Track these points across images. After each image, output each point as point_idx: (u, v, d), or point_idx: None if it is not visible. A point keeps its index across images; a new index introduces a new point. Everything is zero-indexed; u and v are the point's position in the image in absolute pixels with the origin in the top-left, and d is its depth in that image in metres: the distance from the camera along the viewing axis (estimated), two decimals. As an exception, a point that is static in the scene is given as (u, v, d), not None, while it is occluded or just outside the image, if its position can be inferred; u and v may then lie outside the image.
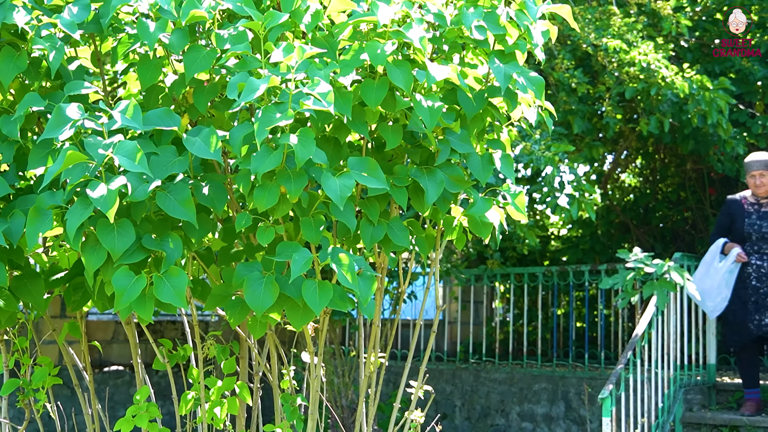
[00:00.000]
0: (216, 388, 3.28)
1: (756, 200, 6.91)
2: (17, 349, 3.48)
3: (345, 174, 2.57)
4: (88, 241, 2.51)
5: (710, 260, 6.99)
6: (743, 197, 7.01)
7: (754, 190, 6.87)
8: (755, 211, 6.91)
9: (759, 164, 6.83)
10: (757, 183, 6.82)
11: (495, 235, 3.07)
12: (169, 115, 2.63)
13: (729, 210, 7.06)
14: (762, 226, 6.86)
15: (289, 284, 2.57)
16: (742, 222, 6.90)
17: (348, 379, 8.08)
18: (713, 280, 6.91)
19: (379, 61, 2.57)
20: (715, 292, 6.92)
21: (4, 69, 2.67)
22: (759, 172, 6.83)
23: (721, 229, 7.10)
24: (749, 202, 6.94)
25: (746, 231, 6.87)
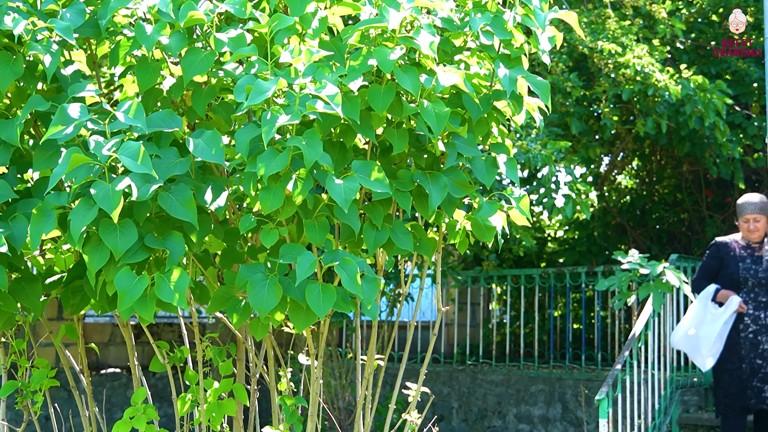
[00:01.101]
0: (213, 389, 3.28)
1: (747, 243, 6.32)
2: (15, 351, 3.47)
3: (350, 177, 2.57)
4: (90, 241, 2.51)
5: (703, 307, 6.27)
6: (733, 240, 6.38)
7: (746, 235, 6.26)
8: (749, 255, 6.29)
9: (753, 207, 6.22)
10: (751, 228, 6.21)
11: (497, 238, 3.08)
12: (171, 116, 2.63)
13: (719, 253, 6.36)
14: (758, 270, 6.22)
15: (293, 286, 2.57)
16: (735, 266, 6.24)
17: (345, 381, 8.08)
18: (710, 329, 6.17)
19: (387, 66, 2.57)
20: (711, 343, 6.18)
21: (1, 74, 2.67)
22: (753, 216, 6.21)
23: (708, 273, 6.38)
24: (741, 246, 6.32)
25: (742, 276, 6.21)
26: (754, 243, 6.28)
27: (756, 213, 6.20)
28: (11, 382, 3.43)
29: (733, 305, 6.08)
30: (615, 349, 9.68)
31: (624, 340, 9.70)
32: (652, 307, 6.81)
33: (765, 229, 6.23)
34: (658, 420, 7.23)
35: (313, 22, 2.66)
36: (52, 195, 2.52)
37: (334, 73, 2.53)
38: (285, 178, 2.55)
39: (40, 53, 2.62)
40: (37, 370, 3.44)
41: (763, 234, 6.24)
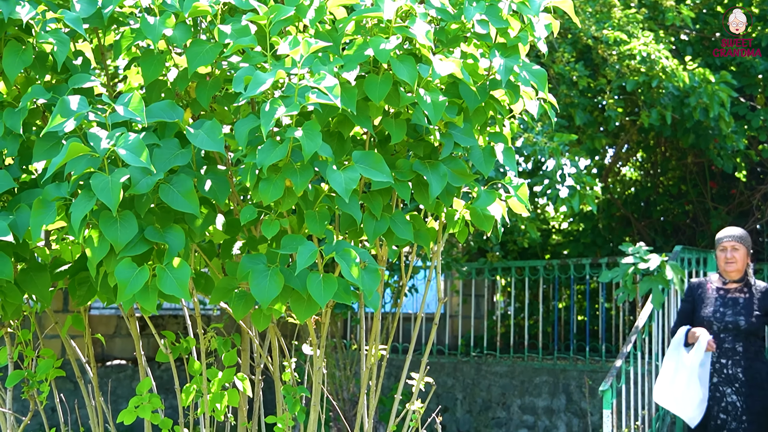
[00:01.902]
0: (217, 380, 3.30)
1: (723, 283, 5.71)
2: (21, 342, 3.49)
3: (350, 167, 2.58)
4: (91, 233, 2.53)
5: (676, 353, 5.64)
6: (708, 280, 5.81)
7: (722, 268, 5.68)
8: (720, 297, 5.69)
9: (732, 236, 5.66)
10: (728, 257, 5.63)
11: (497, 228, 3.09)
12: (172, 107, 2.64)
13: (691, 295, 5.83)
14: (725, 314, 5.60)
15: (295, 276, 2.59)
16: (704, 309, 5.68)
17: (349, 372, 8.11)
18: (684, 378, 5.49)
19: (383, 56, 2.58)
20: (692, 393, 5.49)
21: (10, 63, 2.68)
22: (731, 244, 5.64)
23: (684, 319, 5.81)
24: (714, 287, 5.74)
25: (707, 320, 5.62)
26: (729, 283, 5.68)
27: (735, 241, 5.65)
28: (17, 372, 3.45)
29: (701, 344, 5.44)
30: (619, 340, 9.69)
31: (628, 332, 9.71)
32: (652, 304, 6.80)
33: (744, 263, 5.66)
34: (662, 411, 7.24)
35: (309, 12, 2.67)
36: (52, 186, 2.54)
37: (331, 64, 2.54)
38: (285, 170, 2.57)
39: (50, 43, 2.64)
40: (43, 360, 3.46)
41: (741, 269, 5.66)
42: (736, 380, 5.52)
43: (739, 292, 5.65)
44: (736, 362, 5.54)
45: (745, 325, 5.51)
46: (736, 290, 5.65)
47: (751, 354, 5.55)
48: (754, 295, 5.63)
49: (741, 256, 5.63)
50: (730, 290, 5.67)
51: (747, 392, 5.49)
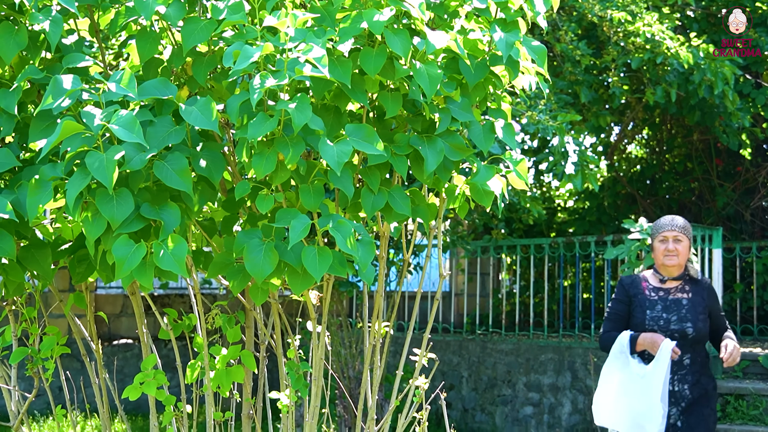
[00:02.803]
0: (221, 356, 3.31)
1: (662, 280, 4.87)
2: (25, 319, 3.51)
3: (342, 141, 2.58)
4: (87, 211, 2.54)
5: (622, 366, 4.69)
6: (644, 278, 4.94)
7: (661, 262, 4.83)
8: (660, 299, 4.82)
9: (673, 224, 4.84)
10: (670, 248, 4.79)
11: (497, 203, 3.09)
12: (165, 84, 2.64)
13: (626, 294, 4.91)
14: (670, 320, 4.75)
15: (289, 251, 2.59)
16: (642, 315, 4.78)
17: (355, 351, 8.13)
18: (645, 396, 4.56)
19: (377, 28, 2.58)
20: (652, 409, 4.55)
21: (4, 45, 2.68)
22: (673, 234, 4.81)
23: (617, 323, 4.87)
24: (651, 287, 4.87)
25: (648, 327, 4.73)
26: (669, 281, 4.85)
27: (678, 231, 4.83)
28: (22, 348, 3.47)
29: (664, 353, 4.53)
30: (624, 318, 9.69)
31: (633, 309, 9.70)
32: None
33: (686, 258, 4.86)
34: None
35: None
36: (48, 166, 2.54)
37: (324, 36, 2.53)
38: (277, 143, 2.57)
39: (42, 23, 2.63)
40: (47, 337, 3.48)
41: (683, 264, 4.85)
42: (682, 399, 4.70)
43: (681, 291, 4.84)
44: (682, 377, 4.71)
45: (693, 333, 4.70)
46: (677, 290, 4.84)
47: (698, 367, 4.75)
48: (698, 294, 4.83)
49: (683, 248, 4.83)
50: (671, 290, 4.84)
51: (690, 411, 4.69)
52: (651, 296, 4.83)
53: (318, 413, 3.24)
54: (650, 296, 4.83)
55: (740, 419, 7.54)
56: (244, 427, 3.49)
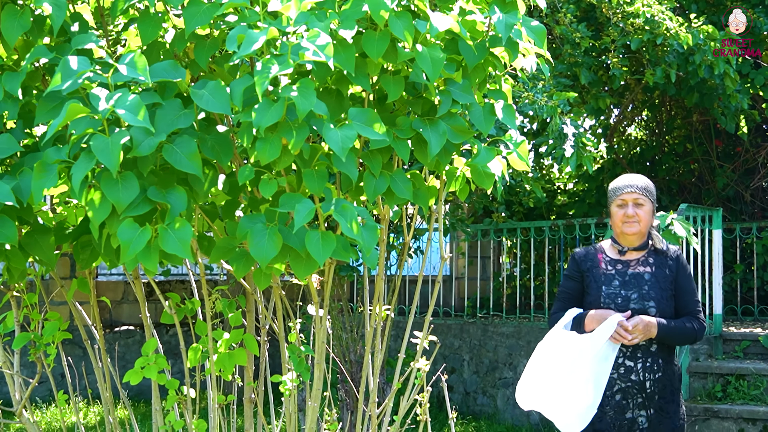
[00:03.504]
0: (224, 340, 3.32)
1: (621, 252, 4.20)
2: (27, 305, 3.52)
3: (346, 125, 2.58)
4: (93, 194, 2.53)
5: (556, 339, 4.10)
6: (600, 250, 4.28)
7: (620, 230, 4.16)
8: (618, 273, 4.16)
9: (634, 187, 4.13)
10: (629, 213, 4.10)
11: (497, 185, 3.09)
12: (174, 67, 2.63)
13: (578, 269, 4.26)
14: (629, 298, 4.09)
15: (293, 235, 2.59)
16: (597, 291, 4.13)
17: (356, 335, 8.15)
18: (567, 366, 3.99)
19: (379, 11, 2.57)
20: (579, 393, 3.96)
21: (8, 27, 2.68)
22: (633, 197, 4.12)
23: (567, 302, 4.26)
24: (609, 259, 4.21)
25: (604, 305, 4.09)
26: (629, 252, 4.19)
27: (638, 193, 4.13)
28: (24, 333, 3.48)
29: (605, 328, 3.94)
30: (625, 299, 9.70)
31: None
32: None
33: (648, 224, 4.18)
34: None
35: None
36: (53, 149, 2.53)
37: (327, 20, 2.53)
38: (281, 128, 2.56)
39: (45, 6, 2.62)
40: (49, 322, 3.49)
41: (644, 232, 4.17)
42: (642, 390, 4.03)
43: (643, 264, 4.15)
44: (646, 367, 4.05)
45: (656, 313, 4.04)
46: (639, 262, 4.16)
47: (664, 354, 4.09)
48: (664, 267, 4.14)
49: (645, 213, 4.13)
50: (631, 263, 4.16)
51: (656, 407, 4.05)
52: (607, 270, 4.17)
53: (320, 397, 3.25)
54: (606, 270, 4.17)
55: (741, 399, 7.56)
56: (246, 410, 3.50)
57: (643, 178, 4.20)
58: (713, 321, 8.27)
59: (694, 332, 4.11)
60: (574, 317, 4.12)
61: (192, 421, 3.38)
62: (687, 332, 4.09)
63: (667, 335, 4.03)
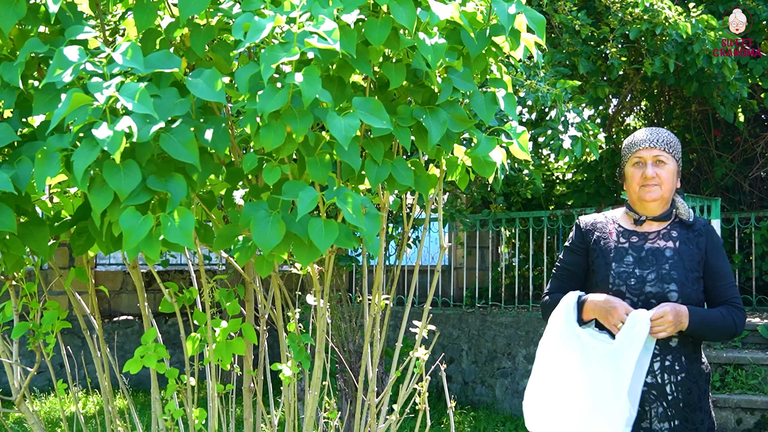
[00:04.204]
0: (222, 329, 3.32)
1: (637, 221, 3.43)
2: (26, 294, 3.51)
3: (350, 114, 2.58)
4: (94, 183, 2.53)
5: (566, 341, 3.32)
6: (610, 220, 3.49)
7: (636, 195, 3.40)
8: (632, 248, 3.39)
9: (654, 142, 3.37)
10: (648, 174, 3.34)
11: (498, 175, 3.09)
12: (169, 57, 2.62)
13: (582, 240, 3.50)
14: (645, 280, 3.32)
15: (296, 222, 2.59)
16: (605, 270, 3.37)
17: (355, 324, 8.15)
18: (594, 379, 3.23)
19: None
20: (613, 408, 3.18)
21: (3, 15, 2.66)
22: (653, 153, 3.35)
23: (566, 279, 3.52)
24: (622, 230, 3.44)
25: (613, 286, 3.33)
26: (647, 222, 3.42)
27: (659, 148, 3.35)
28: (23, 323, 3.48)
29: (641, 325, 3.17)
30: (623, 289, 9.71)
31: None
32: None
33: (672, 187, 3.40)
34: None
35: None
36: (55, 137, 2.53)
37: (330, 7, 2.52)
38: (285, 116, 2.56)
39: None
40: (48, 312, 3.48)
41: (668, 197, 3.40)
42: (662, 396, 3.30)
43: (665, 238, 3.38)
44: (666, 366, 3.30)
45: (678, 298, 3.27)
46: (660, 235, 3.39)
47: (688, 350, 3.35)
48: (691, 243, 3.37)
49: (669, 174, 3.36)
50: (649, 235, 3.40)
51: (681, 417, 3.30)
52: (619, 243, 3.39)
53: (319, 386, 3.25)
54: (618, 243, 3.39)
55: (739, 389, 7.58)
56: (245, 399, 3.50)
57: (665, 131, 3.41)
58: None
59: (734, 325, 3.33)
60: (576, 300, 3.36)
61: (191, 410, 3.38)
62: (725, 325, 3.31)
63: (701, 328, 3.27)
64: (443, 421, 8.60)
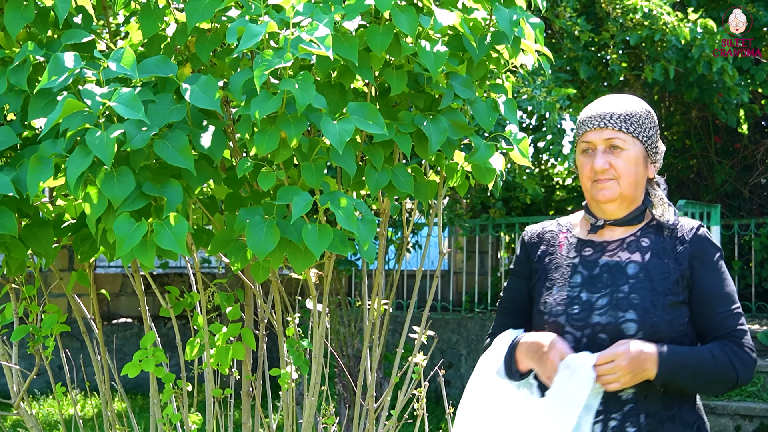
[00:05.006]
0: (221, 333, 3.32)
1: (594, 226, 2.52)
2: (25, 297, 3.52)
3: (345, 119, 2.58)
4: (89, 189, 2.54)
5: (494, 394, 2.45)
6: (565, 227, 2.61)
7: (590, 195, 2.50)
8: (583, 263, 2.49)
9: (604, 117, 2.45)
10: (597, 166, 2.42)
11: (497, 181, 3.09)
12: (165, 62, 2.63)
13: (527, 258, 2.63)
14: (593, 305, 2.41)
15: (290, 228, 2.59)
16: (546, 293, 2.51)
17: (354, 329, 8.16)
18: None
19: (384, 5, 2.57)
20: None
21: (12, 20, 2.68)
22: (604, 136, 2.44)
23: (509, 312, 2.65)
24: (574, 240, 2.55)
25: (549, 316, 2.45)
26: (607, 228, 2.50)
27: (612, 127, 2.43)
28: (23, 326, 3.48)
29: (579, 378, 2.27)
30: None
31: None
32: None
33: (636, 180, 2.45)
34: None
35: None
36: (49, 143, 2.54)
37: (332, 14, 2.53)
38: (280, 121, 2.57)
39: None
40: (48, 315, 3.49)
41: (631, 194, 2.46)
42: None
43: (630, 248, 2.46)
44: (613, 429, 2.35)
45: (638, 330, 2.34)
46: (624, 245, 2.47)
47: (655, 405, 2.37)
48: (666, 256, 2.42)
49: (628, 164, 2.42)
50: (609, 246, 2.49)
51: None
52: (569, 258, 2.51)
53: (318, 391, 3.25)
54: (567, 257, 2.51)
55: (738, 396, 7.58)
56: (243, 404, 3.50)
57: (625, 99, 2.50)
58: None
59: (732, 370, 2.34)
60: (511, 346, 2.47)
61: (189, 414, 3.39)
62: (717, 371, 2.34)
63: (678, 375, 2.32)
64: (442, 426, 8.60)
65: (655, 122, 2.52)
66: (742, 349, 2.37)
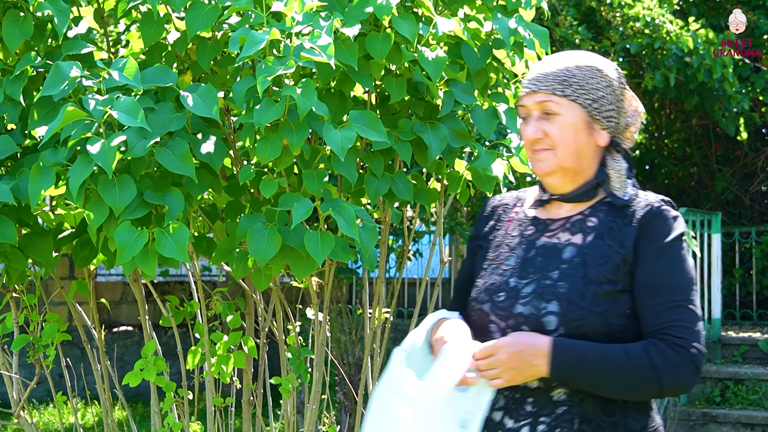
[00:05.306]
0: (222, 342, 3.32)
1: (540, 201, 2.21)
2: (26, 306, 3.51)
3: (346, 126, 2.58)
4: (90, 198, 2.54)
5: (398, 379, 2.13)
6: (521, 201, 2.30)
7: (530, 159, 2.18)
8: (523, 242, 2.19)
9: (534, 81, 2.13)
10: (529, 134, 2.13)
11: (499, 188, 3.09)
12: (165, 71, 2.63)
13: (479, 232, 2.33)
14: (518, 294, 2.11)
15: (292, 235, 2.59)
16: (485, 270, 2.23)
17: (355, 337, 8.14)
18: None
19: (384, 12, 2.57)
20: None
21: (10, 34, 2.68)
22: (536, 100, 2.12)
23: (460, 291, 2.33)
24: (522, 216, 2.25)
25: (476, 303, 2.19)
26: (554, 203, 2.21)
27: (546, 91, 2.11)
28: (23, 335, 3.47)
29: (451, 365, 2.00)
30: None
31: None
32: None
33: (577, 149, 2.12)
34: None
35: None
36: (49, 152, 2.54)
37: (331, 20, 2.53)
38: (282, 129, 2.57)
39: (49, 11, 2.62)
40: (48, 324, 3.48)
41: (575, 165, 2.14)
42: None
43: (572, 229, 2.15)
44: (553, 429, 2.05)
45: (559, 325, 2.04)
46: (568, 225, 2.17)
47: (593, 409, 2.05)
48: (614, 236, 2.09)
49: (563, 131, 2.12)
50: (552, 225, 2.19)
51: None
52: (510, 235, 2.24)
53: (319, 399, 3.24)
54: (509, 235, 2.24)
55: (739, 404, 7.56)
56: (244, 412, 3.50)
57: (568, 59, 2.16)
58: (712, 325, 8.26)
59: (652, 373, 1.98)
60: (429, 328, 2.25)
61: (190, 423, 3.38)
62: (628, 374, 2.00)
63: (577, 376, 2.02)
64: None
65: (608, 81, 2.15)
66: (672, 348, 1.98)
